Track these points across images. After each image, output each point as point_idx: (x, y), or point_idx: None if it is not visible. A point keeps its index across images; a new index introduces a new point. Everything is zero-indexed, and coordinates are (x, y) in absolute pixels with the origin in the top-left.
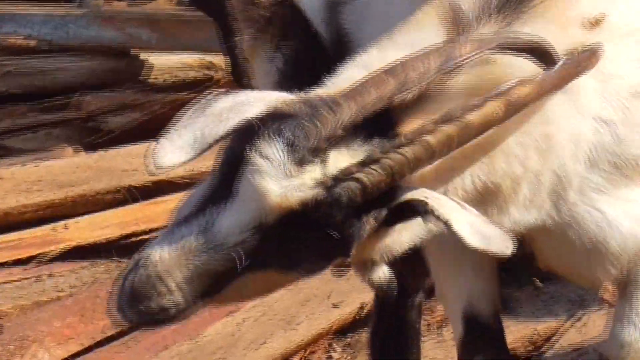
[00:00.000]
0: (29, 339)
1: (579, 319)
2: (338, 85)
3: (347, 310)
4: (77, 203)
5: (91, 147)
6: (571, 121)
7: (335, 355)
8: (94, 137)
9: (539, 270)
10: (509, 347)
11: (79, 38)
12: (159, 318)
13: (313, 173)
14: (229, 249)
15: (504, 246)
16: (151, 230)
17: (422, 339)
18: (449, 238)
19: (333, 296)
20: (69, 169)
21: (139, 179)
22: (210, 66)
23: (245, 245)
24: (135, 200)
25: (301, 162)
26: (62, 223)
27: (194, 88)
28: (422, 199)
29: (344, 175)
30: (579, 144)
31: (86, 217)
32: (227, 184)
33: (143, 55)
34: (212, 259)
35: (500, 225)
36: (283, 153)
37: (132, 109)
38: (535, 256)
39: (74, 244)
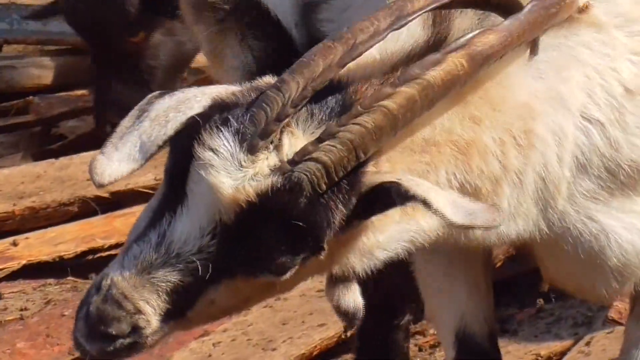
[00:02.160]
0: None
1: (584, 341)
2: None
3: (330, 333)
4: (27, 217)
5: (42, 154)
6: (554, 117)
7: None
8: (46, 143)
9: (542, 289)
10: None
11: (35, 33)
12: (132, 342)
13: (267, 160)
14: (189, 257)
15: (491, 219)
16: (111, 247)
17: None
18: (438, 250)
19: (314, 317)
20: (17, 179)
21: (97, 189)
22: None
23: (206, 251)
24: (92, 213)
25: (252, 150)
26: (10, 239)
27: None
28: (395, 180)
29: (301, 157)
30: (563, 143)
31: (37, 232)
32: (178, 188)
33: None
34: (173, 271)
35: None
36: (231, 143)
37: (90, 112)
38: (541, 271)
39: (24, 262)
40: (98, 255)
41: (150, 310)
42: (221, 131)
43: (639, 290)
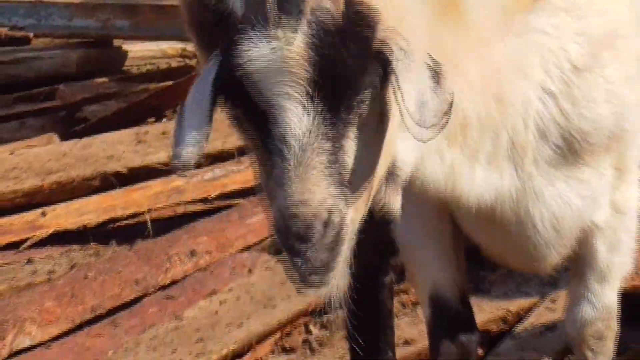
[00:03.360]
0: (9, 323)
1: (550, 299)
2: None
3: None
4: (54, 190)
5: (68, 135)
6: (520, 85)
7: (312, 335)
8: (71, 126)
9: None
10: (483, 326)
11: (61, 28)
12: (335, 233)
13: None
14: (313, 141)
15: (440, 110)
16: (129, 216)
17: (398, 318)
18: (415, 221)
19: None
20: (45, 157)
21: (116, 166)
22: (189, 55)
23: (316, 129)
24: (112, 187)
25: (280, 23)
26: (39, 210)
27: (173, 77)
28: (393, 50)
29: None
30: (528, 110)
31: (64, 204)
32: (260, 109)
33: (123, 45)
34: (314, 161)
35: (445, 98)
36: (262, 30)
37: (110, 97)
38: (481, 248)
39: (52, 230)
40: (117, 224)
41: (321, 196)
42: (247, 31)
43: (580, 255)
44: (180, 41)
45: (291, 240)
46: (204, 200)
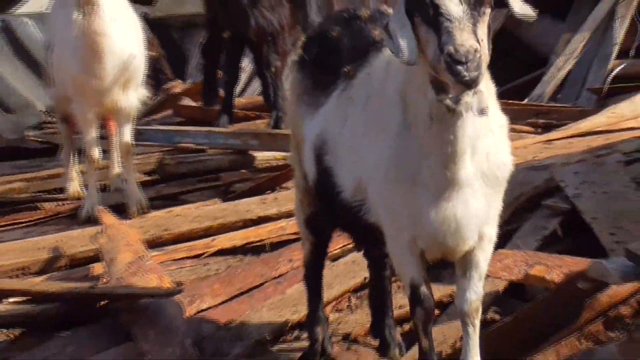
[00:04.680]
0: (196, 295)
1: None
2: None
3: (358, 280)
4: (220, 228)
5: (225, 200)
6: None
7: (352, 302)
8: (227, 194)
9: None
10: (440, 299)
11: (221, 144)
12: (479, 63)
13: None
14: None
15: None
16: (257, 242)
17: (396, 293)
18: (400, 244)
19: (351, 273)
20: (214, 210)
21: (251, 215)
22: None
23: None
24: (249, 226)
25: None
26: (211, 238)
27: (280, 169)
28: None
29: None
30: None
31: (223, 235)
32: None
33: (254, 153)
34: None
35: None
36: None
37: (247, 181)
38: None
39: (218, 248)
40: (252, 245)
41: (472, 42)
42: None
43: (468, 259)
44: (283, 152)
45: (458, 64)
46: (297, 233)
